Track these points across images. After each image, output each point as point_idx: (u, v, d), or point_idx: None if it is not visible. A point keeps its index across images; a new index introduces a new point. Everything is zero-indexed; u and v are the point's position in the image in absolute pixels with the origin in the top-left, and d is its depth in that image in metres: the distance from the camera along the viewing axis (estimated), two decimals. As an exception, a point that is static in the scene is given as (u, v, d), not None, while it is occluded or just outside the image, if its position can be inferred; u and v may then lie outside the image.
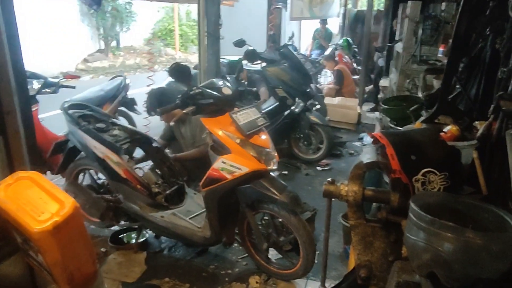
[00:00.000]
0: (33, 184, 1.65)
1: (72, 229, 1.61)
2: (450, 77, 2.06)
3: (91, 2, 3.81)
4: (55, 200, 1.60)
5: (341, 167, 4.84)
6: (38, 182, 1.65)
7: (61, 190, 1.67)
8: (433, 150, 1.55)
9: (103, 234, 3.21)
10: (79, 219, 1.67)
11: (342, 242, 3.07)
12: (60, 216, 1.55)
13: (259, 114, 2.59)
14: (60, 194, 1.62)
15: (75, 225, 1.62)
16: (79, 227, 1.67)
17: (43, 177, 1.71)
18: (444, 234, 1.16)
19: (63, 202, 1.59)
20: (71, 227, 1.59)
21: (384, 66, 6.86)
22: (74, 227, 1.62)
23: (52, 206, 1.58)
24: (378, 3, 12.57)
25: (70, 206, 1.59)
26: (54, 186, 1.68)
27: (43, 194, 1.62)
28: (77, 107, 3.12)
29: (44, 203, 1.59)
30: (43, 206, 1.58)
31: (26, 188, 1.63)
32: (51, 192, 1.62)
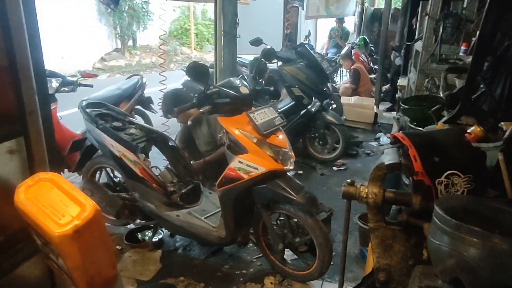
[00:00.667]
0: (54, 186, 1.63)
1: (93, 232, 1.59)
2: (475, 76, 2.01)
3: (108, 2, 3.84)
4: (76, 202, 1.58)
5: (357, 167, 4.79)
6: (59, 184, 1.64)
7: (82, 193, 1.65)
8: (457, 151, 1.50)
9: (118, 232, 3.23)
10: (100, 222, 1.65)
11: (358, 243, 3.03)
12: (81, 220, 1.53)
13: (276, 114, 2.57)
14: (81, 197, 1.61)
15: (96, 228, 1.60)
16: (100, 231, 1.65)
17: (64, 179, 1.70)
18: (470, 239, 1.12)
19: (84, 205, 1.57)
20: (92, 230, 1.57)
21: (401, 65, 6.76)
22: (95, 230, 1.60)
23: (73, 209, 1.56)
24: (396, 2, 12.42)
25: (91, 209, 1.56)
26: (75, 188, 1.66)
27: (64, 196, 1.60)
28: (94, 106, 3.14)
29: (64, 205, 1.57)
30: (64, 209, 1.56)
31: (47, 190, 1.62)
32: (71, 194, 1.61)
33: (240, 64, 5.93)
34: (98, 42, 11.79)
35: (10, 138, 1.76)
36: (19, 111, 1.79)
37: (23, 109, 1.80)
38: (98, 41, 11.79)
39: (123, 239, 3.08)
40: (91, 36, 11.30)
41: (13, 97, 1.75)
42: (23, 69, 1.78)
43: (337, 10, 9.54)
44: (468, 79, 1.96)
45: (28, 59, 1.82)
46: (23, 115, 1.81)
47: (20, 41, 1.77)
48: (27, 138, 1.84)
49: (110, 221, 3.20)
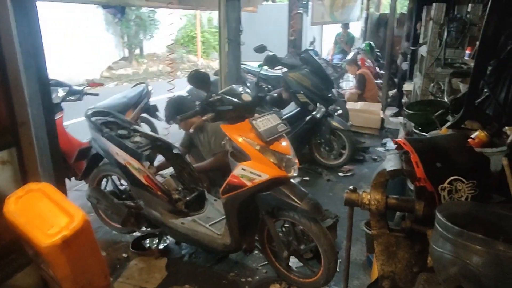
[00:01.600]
0: (44, 196, 1.64)
1: (82, 243, 1.59)
2: (478, 80, 1.99)
3: (115, 11, 3.90)
4: (65, 213, 1.59)
5: (363, 173, 4.76)
6: (49, 195, 1.65)
7: (71, 203, 1.65)
8: (460, 157, 1.48)
9: (124, 239, 3.24)
10: (90, 233, 1.66)
11: (364, 250, 3.00)
12: (69, 230, 1.54)
13: (279, 120, 2.56)
14: (70, 207, 1.61)
15: (85, 238, 1.61)
16: (89, 241, 1.65)
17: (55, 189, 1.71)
18: (473, 247, 1.10)
19: (72, 216, 1.58)
20: (81, 241, 1.58)
21: (408, 70, 6.74)
22: (84, 240, 1.60)
23: (62, 220, 1.57)
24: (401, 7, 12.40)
25: (80, 219, 1.57)
26: (65, 198, 1.67)
27: (53, 206, 1.61)
28: (100, 114, 3.17)
29: (54, 216, 1.58)
30: (53, 220, 1.56)
31: (37, 201, 1.62)
32: (61, 205, 1.61)
33: (245, 71, 5.95)
34: (106, 51, 11.93)
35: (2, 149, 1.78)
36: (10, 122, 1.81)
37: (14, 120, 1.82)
38: (106, 50, 11.93)
39: (129, 247, 3.08)
40: (98, 46, 11.44)
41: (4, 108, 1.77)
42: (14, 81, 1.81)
43: (342, 15, 9.56)
44: (471, 83, 1.95)
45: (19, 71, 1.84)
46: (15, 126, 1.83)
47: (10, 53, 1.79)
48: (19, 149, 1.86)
49: (116, 229, 3.22)
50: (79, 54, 10.48)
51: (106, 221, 3.25)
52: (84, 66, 10.66)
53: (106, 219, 3.24)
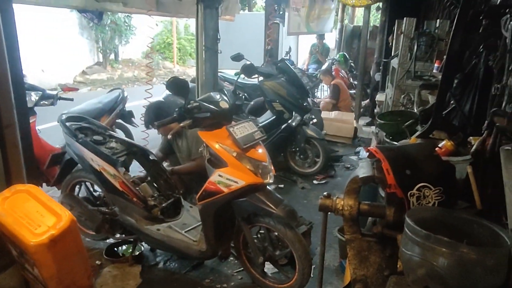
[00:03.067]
0: (30, 197, 1.65)
1: (68, 242, 1.60)
2: (445, 92, 2.09)
3: (92, 16, 3.86)
4: (52, 213, 1.60)
5: (337, 181, 4.85)
6: (35, 195, 1.65)
7: (58, 204, 1.67)
8: (428, 165, 1.56)
9: (98, 246, 3.19)
10: (76, 233, 1.67)
11: (338, 256, 3.06)
12: (56, 230, 1.55)
13: (256, 128, 2.61)
14: (57, 208, 1.62)
15: (72, 238, 1.62)
16: (75, 241, 1.66)
17: (41, 190, 1.71)
18: (439, 249, 1.17)
19: (60, 216, 1.59)
20: (67, 240, 1.59)
21: (380, 81, 6.93)
22: (71, 240, 1.62)
23: (49, 219, 1.58)
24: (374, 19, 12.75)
25: (66, 219, 1.59)
26: (51, 199, 1.67)
27: (40, 207, 1.62)
28: (74, 120, 3.13)
29: (41, 216, 1.59)
30: (40, 219, 1.57)
31: (23, 201, 1.63)
32: (48, 205, 1.62)
33: (222, 79, 5.98)
34: (80, 56, 11.70)
35: None
36: (-4, 124, 1.79)
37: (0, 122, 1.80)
38: (80, 55, 11.71)
39: (102, 254, 3.04)
40: (72, 50, 11.22)
41: (-10, 110, 1.76)
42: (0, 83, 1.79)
43: (317, 26, 9.75)
44: (439, 95, 2.05)
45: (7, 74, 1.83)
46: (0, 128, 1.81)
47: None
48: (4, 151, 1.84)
49: (89, 235, 3.17)
50: (52, 57, 10.25)
51: (80, 228, 3.19)
52: (56, 70, 10.43)
53: (79, 226, 3.18)
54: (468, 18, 1.93)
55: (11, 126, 1.84)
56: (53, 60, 10.28)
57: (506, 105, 1.71)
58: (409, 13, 4.60)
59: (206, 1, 4.06)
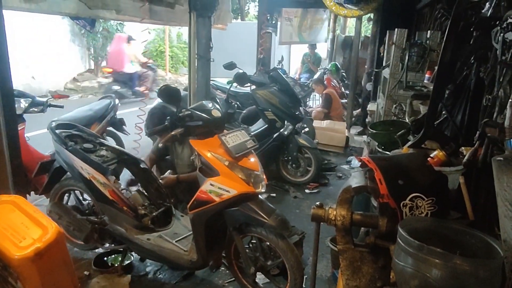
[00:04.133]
0: (16, 208, 1.60)
1: (54, 255, 1.56)
2: (436, 103, 2.10)
3: (85, 24, 3.84)
4: (38, 225, 1.56)
5: (329, 190, 4.85)
6: (21, 207, 1.61)
7: (44, 215, 1.62)
8: (420, 175, 1.56)
9: (86, 256, 3.13)
10: (63, 245, 1.62)
11: (330, 266, 3.04)
12: (42, 242, 1.50)
13: (248, 137, 2.60)
14: (43, 219, 1.58)
15: (58, 251, 1.58)
16: (62, 254, 1.62)
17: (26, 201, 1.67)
18: (432, 260, 1.16)
19: (46, 228, 1.55)
20: (53, 253, 1.55)
21: (371, 91, 6.98)
22: (57, 253, 1.57)
23: (35, 232, 1.53)
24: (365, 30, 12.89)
25: (53, 231, 1.54)
26: (38, 210, 1.63)
27: (26, 218, 1.57)
28: (64, 127, 3.09)
29: (26, 228, 1.54)
30: (25, 232, 1.53)
31: (8, 213, 1.58)
32: (34, 217, 1.58)
33: (214, 87, 5.98)
34: (71, 63, 11.63)
35: None
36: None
37: (-15, 131, 1.77)
38: (71, 62, 11.63)
39: (91, 264, 2.98)
40: (63, 57, 11.15)
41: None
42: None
43: (310, 36, 9.84)
44: (430, 105, 2.06)
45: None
46: (-15, 136, 1.78)
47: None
48: (-12, 159, 1.80)
49: (78, 245, 3.11)
50: (43, 64, 10.17)
51: (68, 237, 3.13)
52: (47, 76, 10.34)
53: (67, 235, 3.12)
54: (459, 30, 1.95)
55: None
56: (43, 67, 10.21)
57: (497, 115, 1.72)
58: (400, 24, 4.65)
59: (199, 10, 4.07)
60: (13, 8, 3.06)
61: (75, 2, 3.56)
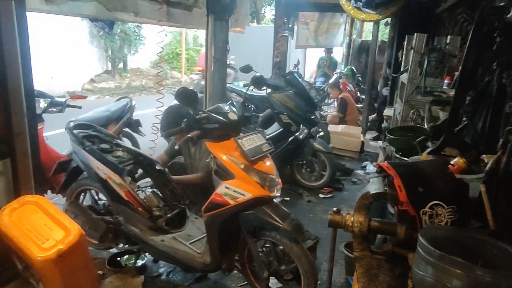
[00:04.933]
0: (39, 209, 1.62)
1: (76, 257, 1.56)
2: (457, 109, 2.06)
3: (103, 25, 3.90)
4: (61, 226, 1.57)
5: (343, 195, 4.80)
6: (44, 207, 1.62)
7: (67, 217, 1.63)
8: (441, 182, 1.53)
9: (101, 256, 3.15)
10: (84, 247, 1.63)
11: (343, 272, 3.01)
12: (65, 244, 1.51)
13: (264, 140, 2.59)
14: (66, 221, 1.59)
15: (80, 253, 1.58)
16: (83, 256, 1.63)
17: (49, 202, 1.69)
18: (453, 270, 1.13)
19: (68, 230, 1.56)
20: (75, 255, 1.55)
21: (388, 96, 6.92)
22: (79, 255, 1.58)
23: (57, 233, 1.54)
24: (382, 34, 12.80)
25: (75, 233, 1.55)
26: (60, 211, 1.65)
27: (48, 220, 1.58)
28: (82, 127, 3.12)
29: (49, 229, 1.55)
30: (48, 233, 1.54)
31: (31, 213, 1.60)
32: (56, 218, 1.59)
33: (230, 90, 5.99)
34: (89, 64, 11.82)
35: None
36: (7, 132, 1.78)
37: (11, 130, 1.79)
38: (89, 63, 11.83)
39: (105, 263, 3.00)
40: (82, 58, 11.35)
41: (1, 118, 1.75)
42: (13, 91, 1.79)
43: (326, 40, 9.80)
44: (451, 112, 2.02)
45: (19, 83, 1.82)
46: (11, 136, 1.80)
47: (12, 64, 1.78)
48: (14, 160, 1.82)
49: (92, 244, 3.13)
50: (61, 65, 10.35)
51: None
52: (65, 77, 10.52)
53: (82, 234, 3.16)
54: (482, 35, 1.91)
55: (21, 134, 1.83)
56: (62, 68, 10.39)
57: (520, 123, 1.68)
58: (418, 28, 4.60)
59: (216, 13, 4.09)
60: (35, 10, 3.12)
61: (95, 5, 3.61)
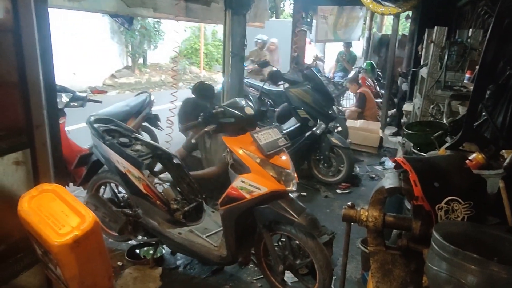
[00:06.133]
0: (56, 197, 1.68)
1: (91, 243, 1.62)
2: (476, 104, 2.03)
3: (123, 21, 3.97)
4: (77, 214, 1.63)
5: (361, 191, 4.77)
6: (61, 195, 1.68)
7: (82, 204, 1.69)
8: (457, 177, 1.51)
9: (120, 247, 3.23)
10: (99, 234, 1.68)
11: (359, 267, 3.00)
12: (80, 230, 1.57)
13: (280, 135, 2.59)
14: (82, 208, 1.65)
15: (95, 240, 1.64)
16: (98, 242, 1.68)
17: (66, 190, 1.74)
18: (468, 266, 1.13)
19: (84, 216, 1.61)
20: (90, 241, 1.61)
21: (408, 91, 6.81)
22: (93, 242, 1.63)
23: (73, 220, 1.60)
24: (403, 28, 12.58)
25: (90, 220, 1.61)
26: (76, 200, 1.70)
27: (65, 207, 1.64)
28: (102, 121, 3.19)
29: (65, 216, 1.61)
30: (64, 220, 1.60)
31: (49, 201, 1.66)
32: (73, 205, 1.65)
33: (247, 85, 6.00)
34: (110, 59, 12.01)
35: (17, 150, 1.82)
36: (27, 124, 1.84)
37: (30, 122, 1.85)
38: (110, 58, 12.01)
39: (124, 255, 3.08)
40: (102, 53, 11.52)
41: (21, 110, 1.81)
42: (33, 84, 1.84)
43: (345, 34, 9.69)
44: (470, 106, 1.99)
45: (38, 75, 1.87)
46: (31, 128, 1.86)
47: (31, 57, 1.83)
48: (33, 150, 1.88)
49: (112, 236, 3.21)
50: (83, 60, 10.54)
51: (103, 228, 3.24)
52: (87, 73, 10.72)
53: (103, 226, 3.23)
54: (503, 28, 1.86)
55: (41, 126, 1.89)
56: (84, 63, 10.58)
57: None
58: (440, 22, 4.51)
59: (234, 8, 4.09)
60: (57, 6, 3.20)
61: (115, 1, 3.67)
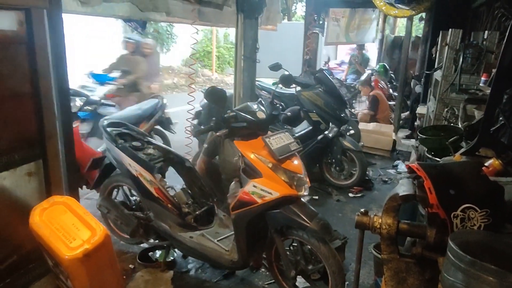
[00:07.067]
0: (67, 209, 1.69)
1: (101, 257, 1.62)
2: (493, 108, 1.98)
3: (136, 26, 4.00)
4: (87, 227, 1.63)
5: (373, 195, 4.72)
6: (72, 208, 1.69)
7: (93, 217, 1.70)
8: (473, 185, 1.47)
9: (132, 250, 3.25)
10: (109, 247, 1.69)
11: (372, 273, 2.96)
12: (91, 244, 1.57)
13: (292, 139, 2.58)
14: (92, 221, 1.66)
15: (105, 252, 1.64)
16: (109, 255, 1.68)
17: (77, 203, 1.76)
18: (486, 278, 1.10)
19: (94, 230, 1.62)
20: (101, 254, 1.61)
21: (421, 93, 6.73)
22: (104, 254, 1.64)
23: (84, 233, 1.61)
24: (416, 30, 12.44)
25: (101, 234, 1.61)
26: (87, 212, 1.71)
27: (76, 220, 1.65)
28: (115, 125, 3.22)
29: (76, 229, 1.62)
30: (75, 233, 1.61)
31: (60, 214, 1.67)
32: (84, 218, 1.66)
33: (259, 88, 6.00)
34: (123, 63, 12.10)
35: (30, 161, 1.84)
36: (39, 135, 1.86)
37: (43, 133, 1.87)
38: (123, 62, 12.10)
39: (136, 258, 3.09)
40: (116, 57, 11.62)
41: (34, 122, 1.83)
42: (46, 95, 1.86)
43: (357, 37, 9.63)
44: (487, 110, 1.94)
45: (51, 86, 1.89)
46: (43, 139, 1.88)
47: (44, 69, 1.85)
48: (46, 161, 1.90)
49: (124, 239, 3.23)
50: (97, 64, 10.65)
51: (115, 231, 3.27)
52: (100, 75, 10.82)
53: (115, 229, 3.26)
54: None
55: (53, 137, 1.91)
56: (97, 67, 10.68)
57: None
58: (454, 23, 4.44)
59: (246, 11, 4.10)
60: (71, 11, 3.23)
61: (128, 5, 3.70)
